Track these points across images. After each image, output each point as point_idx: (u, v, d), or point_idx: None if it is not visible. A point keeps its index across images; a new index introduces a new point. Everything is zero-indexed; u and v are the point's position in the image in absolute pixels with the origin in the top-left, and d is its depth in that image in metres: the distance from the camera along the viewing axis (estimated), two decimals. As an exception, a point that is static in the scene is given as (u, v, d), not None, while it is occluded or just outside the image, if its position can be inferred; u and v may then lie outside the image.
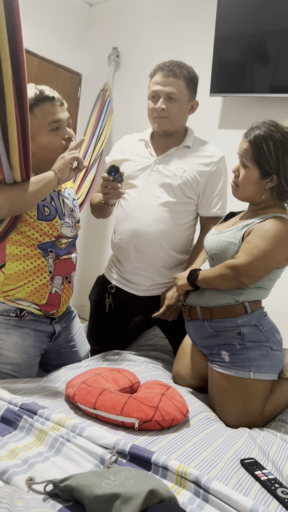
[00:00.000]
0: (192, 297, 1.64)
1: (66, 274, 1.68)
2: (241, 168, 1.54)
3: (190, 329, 1.68)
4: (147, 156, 1.90)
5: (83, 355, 1.87)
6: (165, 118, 1.82)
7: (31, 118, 1.42)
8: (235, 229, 1.54)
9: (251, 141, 1.48)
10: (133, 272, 1.91)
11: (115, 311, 1.99)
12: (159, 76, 1.80)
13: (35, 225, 1.54)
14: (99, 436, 1.15)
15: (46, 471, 1.04)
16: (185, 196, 1.84)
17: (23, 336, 1.60)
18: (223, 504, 0.98)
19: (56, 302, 1.65)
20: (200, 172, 1.85)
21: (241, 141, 1.54)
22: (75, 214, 1.72)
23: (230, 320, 1.52)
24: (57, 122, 1.51)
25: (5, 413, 1.25)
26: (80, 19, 3.28)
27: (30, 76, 2.88)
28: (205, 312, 1.57)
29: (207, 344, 1.60)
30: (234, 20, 2.49)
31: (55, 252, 1.61)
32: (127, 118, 3.12)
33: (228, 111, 2.74)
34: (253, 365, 1.49)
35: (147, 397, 1.34)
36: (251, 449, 1.29)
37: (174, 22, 2.92)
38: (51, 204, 1.58)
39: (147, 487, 0.91)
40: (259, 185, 1.52)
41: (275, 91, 2.45)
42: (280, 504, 1.06)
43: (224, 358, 1.53)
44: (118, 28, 3.19)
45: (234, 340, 1.52)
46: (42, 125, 1.49)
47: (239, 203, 1.68)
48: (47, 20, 2.98)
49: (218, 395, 1.55)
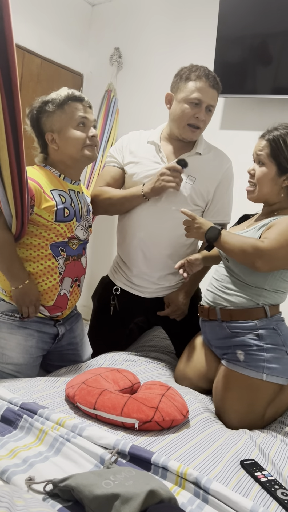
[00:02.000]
0: (211, 297, 1.64)
1: (76, 277, 1.69)
2: (257, 167, 1.57)
3: (206, 329, 1.68)
4: (158, 161, 1.84)
5: (85, 358, 1.87)
6: (199, 129, 1.80)
7: (60, 113, 1.55)
8: (253, 230, 1.55)
9: (269, 140, 1.52)
10: (140, 277, 1.91)
11: (118, 312, 1.99)
12: (205, 85, 1.74)
13: (52, 227, 1.56)
14: (99, 436, 1.15)
15: (46, 471, 1.04)
16: (193, 204, 1.83)
17: (26, 337, 1.60)
18: (223, 505, 0.98)
19: (63, 305, 1.66)
20: (211, 180, 1.83)
21: (257, 142, 1.57)
22: (89, 218, 1.75)
23: (249, 322, 1.53)
24: (84, 118, 1.59)
25: (5, 412, 1.25)
26: (82, 19, 3.28)
27: (32, 76, 2.90)
28: (225, 313, 1.58)
29: (223, 344, 1.61)
30: (236, 21, 2.49)
31: (66, 251, 1.63)
32: (130, 119, 3.11)
33: (229, 112, 2.74)
34: (267, 367, 1.49)
35: (147, 398, 1.34)
36: (251, 450, 1.29)
37: (176, 23, 2.92)
38: (70, 205, 1.60)
39: (147, 488, 0.91)
40: (275, 182, 1.54)
41: (276, 92, 2.45)
42: (280, 505, 1.05)
43: (239, 357, 1.53)
44: (120, 29, 3.19)
45: (251, 341, 1.52)
46: (70, 120, 1.57)
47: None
48: (49, 20, 2.99)
49: (225, 392, 1.55)
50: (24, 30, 2.80)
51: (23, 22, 2.78)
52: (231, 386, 1.53)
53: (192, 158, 1.83)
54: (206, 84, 1.74)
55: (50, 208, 1.53)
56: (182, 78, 1.78)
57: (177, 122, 1.80)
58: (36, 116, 1.59)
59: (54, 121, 1.57)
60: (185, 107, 1.76)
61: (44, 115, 1.58)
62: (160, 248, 1.84)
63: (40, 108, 1.58)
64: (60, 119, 1.56)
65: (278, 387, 1.53)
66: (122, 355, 1.90)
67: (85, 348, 1.88)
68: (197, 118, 1.76)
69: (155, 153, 1.86)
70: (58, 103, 1.55)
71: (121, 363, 1.80)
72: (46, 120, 1.58)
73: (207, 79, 1.74)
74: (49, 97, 1.58)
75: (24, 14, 2.80)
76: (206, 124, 1.82)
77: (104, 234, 3.37)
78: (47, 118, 1.58)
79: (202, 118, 1.76)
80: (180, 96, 1.77)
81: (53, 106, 1.55)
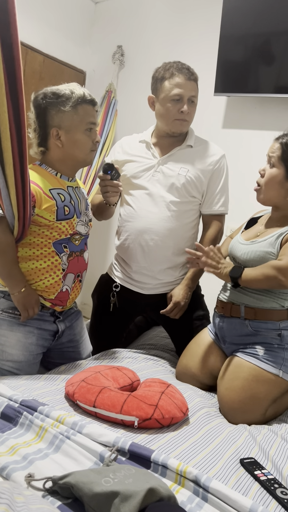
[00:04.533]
0: (235, 295, 1.65)
1: (78, 272, 1.69)
2: (267, 168, 1.60)
3: (224, 325, 1.68)
4: (150, 157, 1.90)
5: (85, 356, 1.87)
6: (186, 122, 1.84)
7: (72, 113, 1.54)
8: (270, 238, 1.57)
9: (282, 143, 1.55)
10: (140, 272, 1.91)
11: (118, 309, 1.99)
12: (182, 79, 1.78)
13: (54, 226, 1.56)
14: (98, 433, 1.15)
15: (46, 468, 1.04)
16: (189, 195, 1.85)
17: (26, 334, 1.60)
18: (222, 503, 0.98)
19: (64, 299, 1.66)
20: (203, 170, 1.86)
21: (272, 143, 1.61)
22: (89, 213, 1.75)
23: (273, 323, 1.57)
24: (93, 124, 1.60)
25: (5, 409, 1.25)
26: (85, 16, 3.28)
27: (35, 74, 2.90)
28: (249, 311, 1.60)
29: (241, 341, 1.62)
30: (239, 20, 2.49)
31: (69, 248, 1.63)
32: (131, 117, 3.11)
33: (232, 111, 2.74)
34: (285, 365, 1.53)
35: (147, 395, 1.34)
36: (251, 448, 1.29)
37: (179, 22, 2.91)
38: (70, 203, 1.60)
39: (146, 486, 0.91)
40: (282, 186, 1.57)
41: (279, 91, 2.44)
42: (279, 504, 1.05)
43: (258, 352, 1.56)
44: (123, 27, 3.19)
45: (272, 340, 1.56)
46: (81, 123, 1.56)
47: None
48: (52, 17, 2.98)
49: (233, 381, 1.55)
50: (27, 27, 2.79)
51: (26, 19, 2.78)
52: (245, 376, 1.54)
53: (183, 151, 1.89)
54: (181, 78, 1.78)
55: (50, 208, 1.54)
56: (158, 79, 1.84)
57: (165, 120, 1.86)
58: (44, 106, 1.55)
59: (64, 119, 1.54)
60: (168, 106, 1.82)
61: (54, 109, 1.54)
62: (158, 240, 1.85)
63: (51, 101, 1.54)
64: (71, 119, 1.54)
65: (287, 387, 1.55)
66: (122, 352, 1.90)
67: (85, 345, 1.88)
68: (182, 113, 1.81)
69: (147, 149, 1.92)
70: (72, 103, 1.53)
71: (121, 360, 1.80)
72: (56, 115, 1.54)
73: (181, 73, 1.79)
74: (61, 92, 1.54)
75: (28, 12, 2.80)
76: (192, 115, 1.86)
77: (103, 232, 3.37)
78: (57, 114, 1.54)
79: (186, 111, 1.80)
80: (161, 96, 1.83)
81: (66, 104, 1.53)
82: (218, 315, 1.72)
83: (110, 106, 3.09)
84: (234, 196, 1.93)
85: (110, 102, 3.10)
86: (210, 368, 1.72)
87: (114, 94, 3.14)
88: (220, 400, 1.58)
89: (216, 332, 1.74)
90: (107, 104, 3.09)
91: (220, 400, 1.57)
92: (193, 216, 1.90)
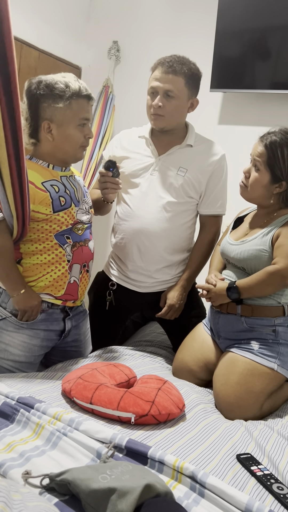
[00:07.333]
0: None
1: (84, 262, 1.67)
2: (252, 170, 1.60)
3: (219, 320, 1.69)
4: (149, 154, 1.87)
5: (85, 355, 1.87)
6: (161, 116, 1.78)
7: (65, 107, 1.49)
8: (260, 236, 1.59)
9: (267, 146, 1.54)
10: (136, 271, 1.90)
11: (115, 307, 1.98)
12: (159, 72, 1.76)
13: (52, 218, 1.54)
14: (95, 430, 1.16)
15: (43, 465, 1.04)
16: (187, 196, 1.83)
17: (31, 336, 1.59)
18: (219, 499, 0.98)
19: (74, 292, 1.64)
20: (202, 171, 1.83)
21: (256, 143, 1.59)
22: (87, 200, 1.72)
23: (268, 319, 1.58)
24: (86, 120, 1.56)
25: (2, 406, 1.25)
26: (80, 11, 3.25)
27: (30, 69, 2.88)
28: (246, 309, 1.61)
29: (236, 337, 1.63)
30: (235, 15, 2.48)
31: (72, 238, 1.61)
32: (128, 114, 3.10)
33: (228, 107, 2.73)
34: (280, 359, 1.55)
35: (144, 392, 1.34)
36: (248, 444, 1.30)
37: (175, 17, 2.90)
38: (65, 192, 1.58)
39: (143, 482, 0.91)
40: (267, 189, 1.58)
41: (275, 87, 2.44)
42: (276, 499, 1.06)
43: (253, 347, 1.57)
44: (119, 22, 3.17)
45: (267, 336, 1.58)
46: (74, 118, 1.52)
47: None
48: (47, 12, 2.96)
49: (229, 376, 1.55)
50: (22, 22, 2.77)
51: (20, 14, 2.75)
52: (240, 371, 1.55)
53: (183, 150, 1.86)
54: (160, 71, 1.76)
55: (45, 201, 1.52)
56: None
57: (147, 115, 1.85)
58: (37, 97, 1.50)
59: (57, 113, 1.50)
60: (147, 99, 1.82)
61: (46, 102, 1.49)
62: (154, 240, 1.84)
63: (44, 93, 1.48)
64: (64, 113, 1.49)
65: (282, 381, 1.57)
66: (118, 349, 1.90)
67: (88, 346, 1.88)
68: (153, 107, 1.78)
69: (146, 146, 1.89)
70: (66, 98, 1.48)
71: (117, 357, 1.81)
72: (48, 107, 1.49)
73: (162, 67, 1.76)
74: (56, 85, 1.48)
75: (22, 6, 2.77)
76: (170, 111, 1.78)
77: (100, 229, 3.36)
78: (49, 107, 1.49)
79: (156, 105, 1.76)
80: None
81: (59, 98, 1.48)
82: (215, 311, 1.72)
83: (108, 101, 3.08)
84: (230, 192, 1.93)
85: (107, 97, 3.08)
86: (206, 362, 1.72)
87: (112, 89, 3.13)
88: (216, 396, 1.58)
89: (211, 327, 1.75)
90: (104, 99, 3.08)
91: (216, 396, 1.58)
92: (190, 216, 1.89)
